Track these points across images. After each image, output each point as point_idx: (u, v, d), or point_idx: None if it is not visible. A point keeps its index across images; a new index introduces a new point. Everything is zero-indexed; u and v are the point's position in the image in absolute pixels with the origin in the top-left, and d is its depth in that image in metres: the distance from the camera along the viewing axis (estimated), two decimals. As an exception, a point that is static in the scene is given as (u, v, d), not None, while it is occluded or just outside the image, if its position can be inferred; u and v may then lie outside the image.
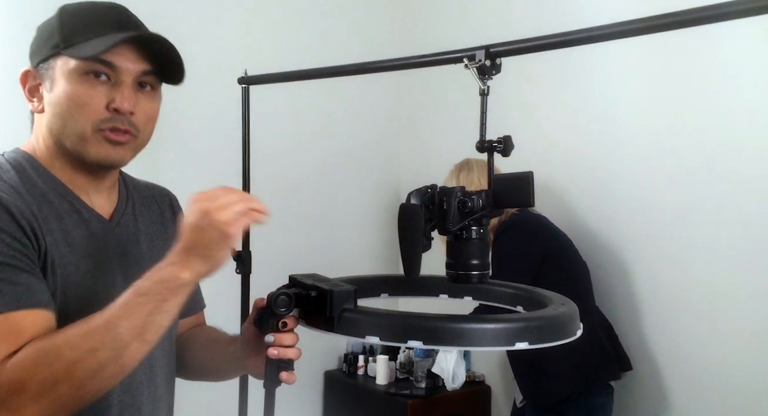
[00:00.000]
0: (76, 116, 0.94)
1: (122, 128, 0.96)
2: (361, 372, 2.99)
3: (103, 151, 0.96)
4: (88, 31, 0.95)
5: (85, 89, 0.94)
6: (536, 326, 0.81)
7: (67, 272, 0.93)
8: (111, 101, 0.95)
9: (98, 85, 0.95)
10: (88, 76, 0.94)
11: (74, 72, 0.94)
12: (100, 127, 0.95)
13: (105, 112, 0.95)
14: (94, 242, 0.99)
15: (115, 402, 0.97)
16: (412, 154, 3.27)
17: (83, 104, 0.94)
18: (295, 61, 1.70)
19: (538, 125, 2.61)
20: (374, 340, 0.81)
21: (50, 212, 0.95)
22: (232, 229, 0.85)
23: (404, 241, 0.92)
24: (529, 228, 2.17)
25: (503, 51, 1.01)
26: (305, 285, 0.89)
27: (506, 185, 0.94)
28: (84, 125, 0.95)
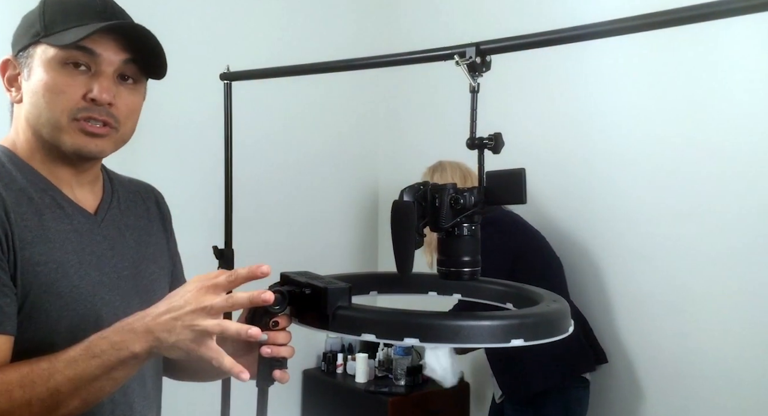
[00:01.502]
0: (51, 105, 0.92)
1: (99, 118, 0.94)
2: (340, 370, 2.99)
3: (79, 141, 0.94)
4: (69, 20, 0.93)
5: (62, 78, 0.92)
6: (531, 323, 0.81)
7: (47, 270, 0.91)
8: (89, 91, 0.93)
9: (77, 74, 0.93)
10: (68, 65, 0.92)
11: (53, 60, 0.92)
12: (76, 116, 0.93)
13: (81, 101, 0.93)
14: (78, 238, 0.97)
15: (107, 400, 0.95)
16: (390, 152, 3.27)
17: (59, 92, 0.92)
18: (277, 58, 1.68)
19: (519, 123, 2.63)
20: (370, 338, 0.80)
21: (29, 209, 0.92)
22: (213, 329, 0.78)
23: (397, 238, 0.91)
24: (503, 226, 2.21)
25: (494, 48, 1.01)
26: (299, 283, 0.87)
27: (498, 182, 0.94)
28: (59, 114, 0.92)
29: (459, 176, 2.34)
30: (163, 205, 1.19)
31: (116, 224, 1.05)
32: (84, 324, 0.93)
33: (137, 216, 1.10)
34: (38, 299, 0.90)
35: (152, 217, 1.14)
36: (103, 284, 0.97)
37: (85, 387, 0.81)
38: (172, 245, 1.18)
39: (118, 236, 1.04)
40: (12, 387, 0.80)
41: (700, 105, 2.15)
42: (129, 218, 1.08)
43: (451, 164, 2.41)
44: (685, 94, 2.18)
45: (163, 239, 1.15)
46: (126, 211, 1.08)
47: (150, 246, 1.09)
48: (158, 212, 1.16)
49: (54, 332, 0.90)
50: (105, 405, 0.96)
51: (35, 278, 0.89)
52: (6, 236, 0.88)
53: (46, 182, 0.97)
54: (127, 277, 1.02)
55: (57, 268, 0.92)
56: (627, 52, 2.28)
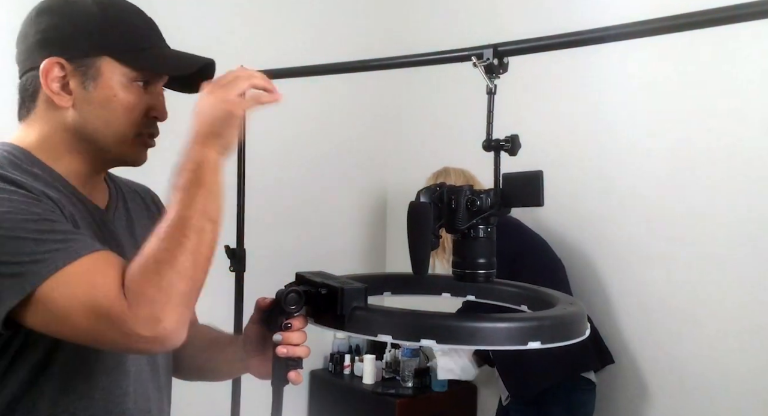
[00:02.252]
0: (121, 120, 0.96)
1: (156, 133, 1.01)
2: (348, 371, 2.98)
3: (140, 155, 1.01)
4: (135, 37, 0.97)
5: (132, 96, 0.96)
6: (549, 325, 0.81)
7: None
8: (151, 109, 0.98)
9: (141, 91, 0.98)
10: (137, 83, 0.96)
11: (124, 77, 0.95)
12: (140, 132, 0.98)
13: (144, 118, 0.98)
14: (99, 232, 0.98)
15: (130, 390, 0.96)
16: (400, 154, 3.27)
17: (131, 109, 0.96)
18: (290, 59, 1.68)
19: (531, 125, 2.62)
20: (386, 338, 0.80)
21: (60, 197, 0.93)
22: (235, 107, 0.89)
23: (413, 239, 0.91)
24: (501, 228, 2.20)
25: (511, 50, 1.01)
26: (314, 283, 0.88)
27: (515, 184, 0.94)
28: (127, 130, 0.97)
29: (462, 182, 2.36)
30: (159, 204, 1.21)
31: (124, 222, 1.07)
32: None
33: (139, 215, 1.12)
34: None
35: (153, 215, 1.15)
36: None
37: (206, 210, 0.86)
38: None
39: (127, 234, 1.05)
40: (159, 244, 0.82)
41: (710, 110, 2.14)
42: (134, 214, 1.10)
43: (456, 170, 2.46)
44: (698, 99, 2.17)
45: None
46: (129, 209, 1.10)
47: None
48: (157, 211, 1.17)
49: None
50: (128, 394, 0.96)
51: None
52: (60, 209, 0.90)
53: (64, 181, 0.97)
54: None
55: None
56: (642, 55, 2.27)
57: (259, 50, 2.60)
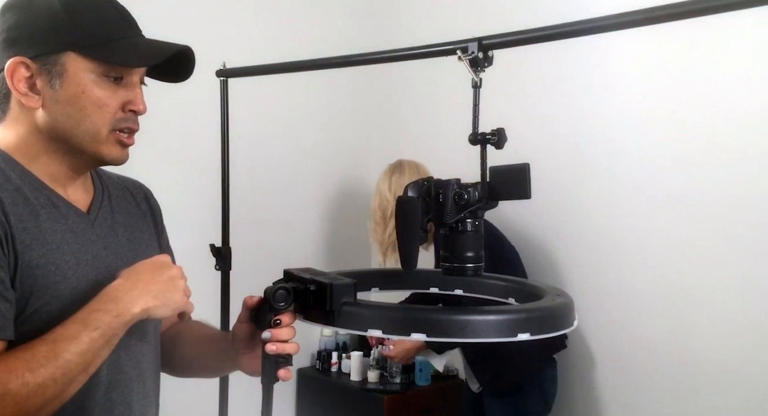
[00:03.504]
0: (93, 118, 0.93)
1: (135, 128, 0.97)
2: (335, 368, 2.98)
3: (116, 152, 0.97)
4: (102, 29, 0.93)
5: (102, 91, 0.93)
6: (537, 317, 0.82)
7: (45, 273, 0.90)
8: (127, 103, 0.95)
9: (114, 86, 0.94)
10: (107, 77, 0.93)
11: (92, 73, 0.92)
12: (116, 127, 0.95)
13: (120, 112, 0.95)
14: (74, 238, 0.95)
15: (104, 399, 0.94)
16: (386, 150, 3.26)
17: (102, 105, 0.93)
18: (274, 55, 1.68)
19: (517, 118, 2.63)
20: (376, 333, 0.80)
21: (26, 209, 0.91)
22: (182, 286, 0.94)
23: (402, 234, 0.91)
24: None
25: (496, 43, 1.01)
26: (303, 279, 0.87)
27: (502, 178, 0.94)
28: (100, 126, 0.94)
29: (416, 175, 2.41)
30: (153, 200, 1.18)
31: (108, 222, 1.04)
32: None
33: (128, 213, 1.09)
34: (38, 302, 0.89)
35: (143, 213, 1.13)
36: (99, 284, 0.96)
37: (93, 360, 0.86)
38: (163, 241, 1.18)
39: (111, 235, 1.03)
40: (21, 373, 0.80)
41: (698, 103, 2.15)
42: (120, 215, 1.07)
43: (410, 164, 2.48)
44: (684, 90, 2.18)
45: (153, 236, 1.14)
46: (117, 208, 1.07)
47: (142, 243, 1.09)
48: (148, 207, 1.15)
49: None
50: (102, 404, 0.95)
51: (35, 280, 0.88)
52: (6, 239, 0.87)
53: (39, 182, 0.95)
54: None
55: (55, 270, 0.91)
56: (628, 47, 2.28)
57: (242, 47, 2.57)
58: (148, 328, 1.05)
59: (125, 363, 0.98)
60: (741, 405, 2.04)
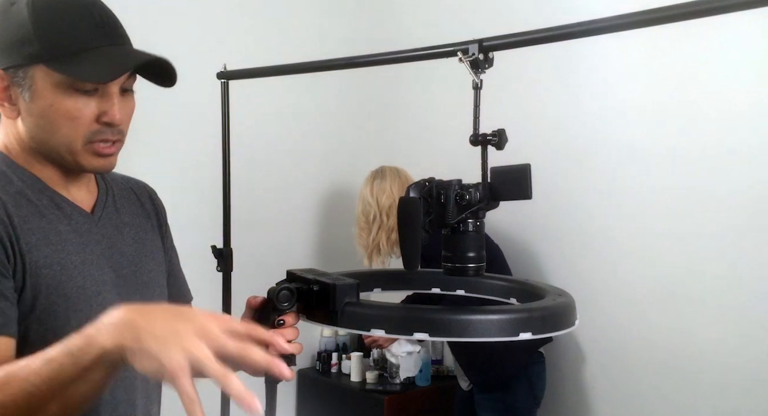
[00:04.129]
0: (64, 130, 0.91)
1: (112, 138, 0.94)
2: (335, 369, 2.98)
3: (95, 163, 0.95)
4: (71, 42, 0.89)
5: (73, 103, 0.90)
6: (539, 316, 0.82)
7: (52, 273, 0.90)
8: (102, 114, 0.92)
9: (86, 98, 0.91)
10: (76, 89, 0.90)
11: (62, 86, 0.89)
12: (91, 139, 0.92)
13: (94, 124, 0.92)
14: (78, 238, 0.96)
15: (108, 397, 0.95)
16: (389, 150, 3.27)
17: (72, 118, 0.90)
18: (275, 56, 1.68)
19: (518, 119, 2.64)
20: (379, 333, 0.80)
21: (30, 210, 0.92)
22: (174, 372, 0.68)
23: (404, 234, 0.92)
24: None
25: (497, 44, 1.02)
26: (306, 280, 0.87)
27: (504, 178, 0.95)
28: (74, 139, 0.91)
29: (398, 183, 2.44)
30: (157, 201, 1.18)
31: (113, 222, 1.04)
32: (91, 324, 0.92)
33: (132, 214, 1.10)
34: (47, 301, 0.89)
35: (147, 213, 1.13)
36: (105, 283, 0.97)
37: (62, 391, 0.71)
38: (167, 241, 1.18)
39: (116, 235, 1.03)
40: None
41: (698, 102, 2.17)
42: (125, 215, 1.08)
43: (392, 170, 2.55)
44: (685, 91, 2.20)
45: (157, 236, 1.14)
46: (121, 209, 1.08)
47: (146, 243, 1.09)
48: (153, 208, 1.16)
49: (63, 333, 0.89)
50: (107, 402, 0.95)
51: (42, 280, 0.89)
52: (11, 241, 0.87)
53: (41, 184, 0.96)
54: (126, 275, 1.02)
55: (61, 270, 0.91)
56: (628, 47, 2.30)
57: (242, 50, 2.58)
58: None
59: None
60: (736, 403, 2.04)
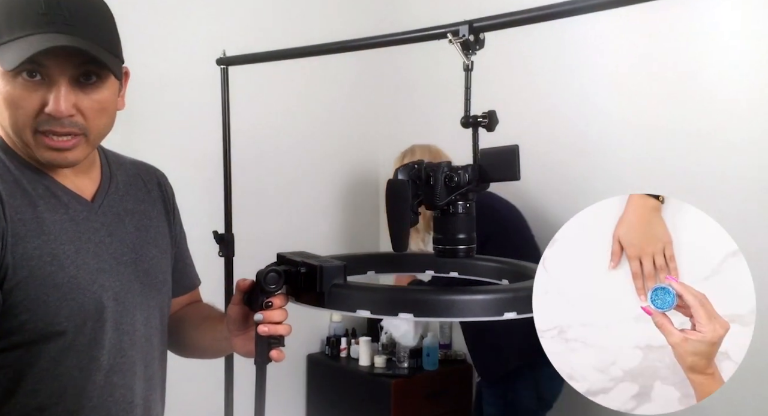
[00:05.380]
0: (13, 119, 0.90)
1: (62, 131, 0.90)
2: (344, 354, 3.01)
3: (47, 156, 0.92)
4: (12, 28, 0.87)
5: (17, 91, 0.88)
6: (524, 296, 0.82)
7: (41, 263, 0.91)
8: (45, 103, 0.88)
9: (32, 85, 0.88)
10: (21, 76, 0.88)
11: (6, 74, 0.88)
12: (39, 129, 0.90)
13: (41, 115, 0.89)
14: (75, 227, 0.97)
15: (105, 383, 0.97)
16: (391, 134, 3.27)
17: (17, 106, 0.89)
18: (274, 41, 1.68)
19: (523, 100, 2.63)
20: (365, 314, 0.81)
21: (23, 201, 0.92)
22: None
23: (392, 216, 0.92)
24: None
25: (487, 25, 1.01)
26: (294, 262, 0.89)
27: (492, 160, 0.95)
28: (22, 128, 0.90)
29: (428, 158, 2.39)
30: (166, 185, 1.19)
31: (114, 209, 1.05)
32: (84, 312, 0.94)
33: (137, 200, 1.10)
34: (36, 292, 0.90)
35: (154, 199, 1.14)
36: (102, 271, 0.98)
37: None
38: (175, 227, 1.19)
39: (116, 222, 1.04)
40: None
41: (694, 84, 2.15)
42: (128, 202, 1.08)
43: (422, 146, 2.50)
44: (680, 73, 2.17)
45: (164, 222, 1.15)
46: (125, 196, 1.08)
47: (150, 230, 1.10)
48: (160, 193, 1.16)
49: (54, 322, 0.91)
50: (102, 387, 0.97)
51: (30, 272, 0.90)
52: None
53: (39, 172, 0.96)
54: (126, 262, 1.03)
55: (52, 260, 0.92)
56: (619, 27, 2.28)
57: (242, 35, 2.58)
58: (155, 313, 1.07)
59: (128, 347, 1.00)
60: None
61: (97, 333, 0.95)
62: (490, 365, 2.22)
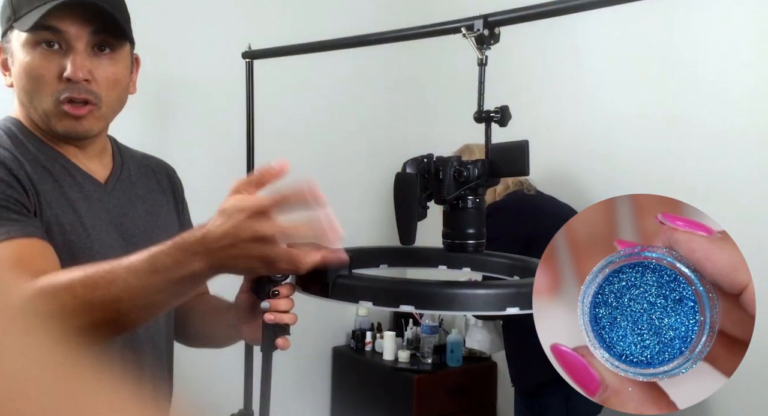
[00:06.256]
0: (35, 90, 0.93)
1: (79, 97, 0.94)
2: (369, 348, 3.03)
3: (67, 124, 0.95)
4: (32, 1, 0.92)
5: (38, 61, 0.92)
6: (527, 292, 0.82)
7: (63, 231, 0.94)
8: (63, 70, 0.92)
9: (51, 55, 0.92)
10: (40, 46, 0.92)
11: (26, 44, 0.93)
12: (59, 98, 0.93)
13: (59, 82, 0.93)
14: (89, 205, 1.00)
15: (118, 358, 1.00)
16: (421, 128, 3.26)
17: (38, 76, 0.92)
18: (298, 35, 1.69)
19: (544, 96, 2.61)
20: (367, 305, 0.82)
21: (44, 175, 0.96)
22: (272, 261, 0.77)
23: (399, 209, 0.93)
24: (512, 212, 2.19)
25: (502, 20, 1.01)
26: (301, 253, 0.89)
27: (502, 155, 0.94)
28: (44, 99, 0.94)
29: None
30: (175, 178, 1.21)
31: (126, 194, 1.07)
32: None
33: (148, 188, 1.13)
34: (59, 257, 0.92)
35: (163, 190, 1.16)
36: (113, 249, 1.00)
37: (147, 298, 0.76)
38: (184, 219, 1.21)
39: (128, 205, 1.06)
40: (75, 284, 0.75)
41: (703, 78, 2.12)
42: (139, 189, 1.11)
43: (479, 146, 2.43)
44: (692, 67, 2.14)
45: (173, 213, 1.17)
46: (136, 182, 1.11)
47: (160, 217, 1.12)
48: (169, 185, 1.19)
49: None
50: (116, 362, 0.99)
51: (52, 238, 0.93)
52: (30, 194, 0.91)
53: (55, 152, 1.00)
54: (137, 244, 1.05)
55: (71, 230, 0.95)
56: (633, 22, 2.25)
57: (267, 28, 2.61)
58: None
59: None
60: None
61: None
62: (522, 375, 2.18)
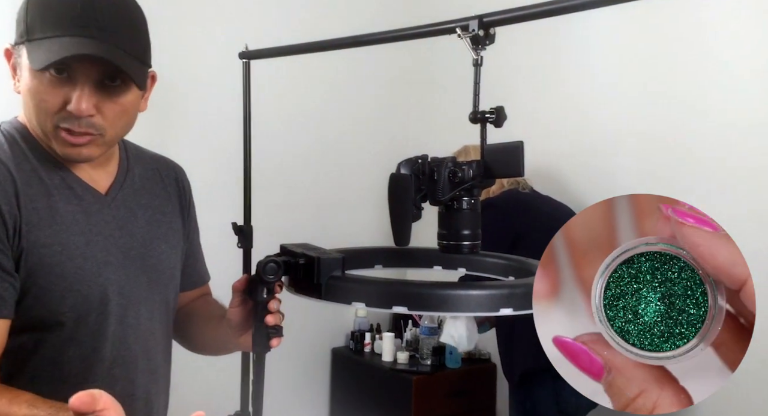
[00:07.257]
0: (36, 110, 0.93)
1: (78, 130, 0.93)
2: (368, 349, 3.02)
3: (65, 150, 0.95)
4: (45, 26, 0.90)
5: (43, 86, 0.91)
6: (521, 292, 0.81)
7: (51, 252, 0.93)
8: (68, 101, 0.91)
9: (58, 82, 0.91)
10: (49, 72, 0.91)
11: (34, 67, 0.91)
12: (59, 124, 0.93)
13: (62, 111, 0.92)
14: (86, 219, 0.99)
15: (106, 375, 0.99)
16: (416, 129, 3.26)
17: (41, 99, 0.92)
18: (295, 36, 1.69)
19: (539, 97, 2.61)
20: (360, 306, 0.82)
21: (39, 189, 0.95)
22: None
23: (394, 210, 0.92)
24: (503, 209, 2.22)
25: (497, 20, 1.00)
26: (294, 253, 0.89)
27: (496, 156, 0.94)
28: (44, 120, 0.93)
29: None
30: (183, 181, 1.20)
31: (128, 203, 1.07)
32: (88, 303, 0.96)
33: (153, 195, 1.12)
34: (44, 281, 0.93)
35: (169, 194, 1.15)
36: (109, 264, 1.00)
37: None
38: (190, 223, 1.21)
39: (128, 216, 1.06)
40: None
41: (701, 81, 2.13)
42: (143, 196, 1.10)
43: (475, 147, 2.43)
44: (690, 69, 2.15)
45: (178, 218, 1.17)
46: (140, 190, 1.10)
47: (162, 225, 1.12)
48: (177, 189, 1.18)
49: (58, 311, 0.94)
50: (102, 379, 0.99)
51: (40, 260, 0.93)
52: (14, 221, 0.91)
53: (57, 163, 0.99)
54: (134, 256, 1.05)
55: (62, 250, 0.95)
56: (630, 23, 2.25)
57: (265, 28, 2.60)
58: (160, 307, 1.08)
59: (132, 340, 1.02)
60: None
61: (101, 324, 0.97)
62: (509, 364, 2.21)
